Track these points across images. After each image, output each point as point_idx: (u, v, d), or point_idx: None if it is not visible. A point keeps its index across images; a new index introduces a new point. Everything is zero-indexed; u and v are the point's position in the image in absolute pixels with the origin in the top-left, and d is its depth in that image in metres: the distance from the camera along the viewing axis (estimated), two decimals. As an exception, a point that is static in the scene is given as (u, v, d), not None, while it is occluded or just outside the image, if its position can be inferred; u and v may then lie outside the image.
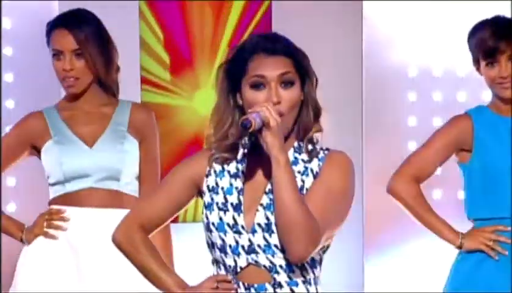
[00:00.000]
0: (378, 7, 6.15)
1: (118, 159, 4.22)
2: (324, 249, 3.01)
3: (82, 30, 4.21)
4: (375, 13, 6.31)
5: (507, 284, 4.13)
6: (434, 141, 4.34)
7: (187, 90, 6.66)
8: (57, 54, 4.20)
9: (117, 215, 3.50)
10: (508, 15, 4.36)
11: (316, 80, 2.99)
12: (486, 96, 4.56)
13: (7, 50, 5.70)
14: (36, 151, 4.29)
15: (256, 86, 2.89)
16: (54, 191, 4.24)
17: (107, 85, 4.30)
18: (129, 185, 4.22)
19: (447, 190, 5.47)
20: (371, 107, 6.31)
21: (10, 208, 4.69)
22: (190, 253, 3.49)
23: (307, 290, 2.99)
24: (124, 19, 6.06)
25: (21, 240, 4.28)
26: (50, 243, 4.22)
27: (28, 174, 4.54)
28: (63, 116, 4.27)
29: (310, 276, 3.01)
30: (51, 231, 4.22)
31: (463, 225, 4.34)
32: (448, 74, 6.12)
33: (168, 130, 6.40)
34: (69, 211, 4.21)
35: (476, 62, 4.23)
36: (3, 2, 5.86)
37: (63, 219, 4.22)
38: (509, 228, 4.16)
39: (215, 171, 3.05)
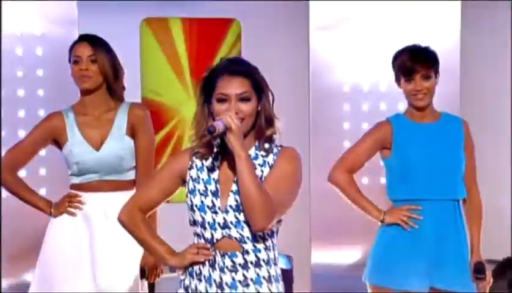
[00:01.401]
0: (321, 39, 6.10)
1: (118, 158, 4.24)
2: (279, 222, 3.18)
3: (96, 43, 4.25)
4: (319, 44, 6.21)
5: (416, 251, 4.20)
6: (363, 141, 4.45)
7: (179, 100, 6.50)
8: (76, 60, 4.20)
9: (117, 197, 3.76)
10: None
11: (272, 95, 3.15)
12: (402, 106, 4.62)
13: (38, 51, 5.57)
14: (56, 143, 4.30)
15: (221, 100, 3.07)
16: (73, 180, 4.28)
17: (114, 90, 4.28)
18: (127, 174, 4.26)
19: (373, 178, 5.51)
20: (316, 114, 6.29)
21: (41, 192, 4.67)
22: (175, 227, 3.51)
23: (267, 255, 3.15)
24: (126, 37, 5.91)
25: (50, 214, 4.27)
26: (70, 218, 4.23)
27: (55, 165, 4.50)
28: (78, 120, 4.26)
29: (269, 244, 3.17)
30: (71, 209, 4.21)
31: (385, 205, 4.41)
32: (373, 90, 6.11)
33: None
34: (84, 195, 4.22)
35: (398, 79, 4.32)
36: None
37: (80, 201, 4.22)
38: (420, 207, 4.21)
39: (196, 166, 3.20)
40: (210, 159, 3.16)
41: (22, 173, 4.67)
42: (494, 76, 6.61)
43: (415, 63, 4.22)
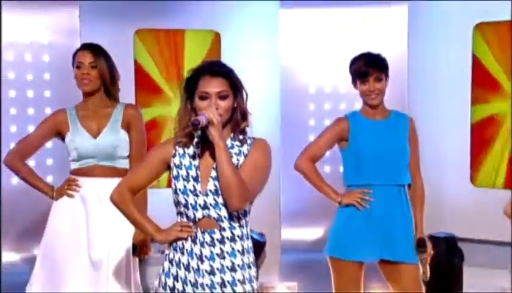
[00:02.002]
0: (289, 47, 6.11)
1: (113, 147, 4.23)
2: (250, 203, 3.24)
3: (96, 52, 4.27)
4: (287, 52, 6.27)
5: (368, 228, 4.25)
6: (324, 135, 4.47)
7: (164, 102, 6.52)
8: (78, 66, 4.22)
9: (111, 182, 3.60)
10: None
11: (246, 94, 3.19)
12: (358, 105, 4.54)
13: (45, 57, 5.71)
14: (59, 135, 4.31)
15: (202, 98, 3.10)
16: (72, 166, 4.29)
17: (111, 93, 4.31)
18: (120, 162, 4.25)
19: (333, 167, 5.51)
20: (286, 112, 6.30)
21: (48, 180, 4.67)
22: (162, 209, 3.54)
23: (241, 231, 3.21)
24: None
25: (52, 197, 4.29)
26: (69, 200, 4.24)
27: (60, 157, 4.50)
28: (79, 114, 4.28)
29: (243, 222, 3.23)
30: (70, 192, 4.23)
31: (342, 189, 4.43)
32: (334, 92, 6.14)
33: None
34: (81, 180, 4.23)
35: (354, 81, 4.34)
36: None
37: (77, 185, 4.22)
38: (371, 191, 4.25)
39: (179, 154, 3.23)
40: (191, 148, 3.19)
41: (31, 163, 4.68)
42: (438, 77, 6.57)
43: (369, 67, 4.24)
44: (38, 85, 5.89)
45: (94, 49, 4.29)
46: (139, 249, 4.27)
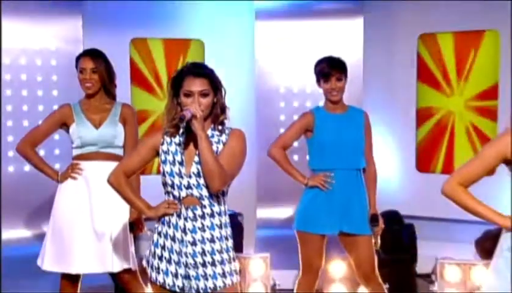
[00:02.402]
0: (263, 54, 6.07)
1: (112, 136, 4.22)
2: (229, 185, 3.25)
3: (97, 58, 4.22)
4: (262, 57, 6.21)
5: (329, 206, 4.27)
6: (293, 127, 4.49)
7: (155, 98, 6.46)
8: (81, 71, 4.19)
9: (109, 166, 3.66)
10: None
11: (225, 91, 3.20)
12: (321, 103, 4.52)
13: (53, 62, 5.69)
14: (65, 126, 4.27)
15: (187, 95, 3.11)
16: (75, 152, 4.26)
17: (109, 92, 4.29)
18: (117, 150, 4.23)
19: (300, 155, 5.46)
20: (260, 108, 6.23)
21: (56, 166, 4.63)
22: (152, 192, 3.52)
23: (219, 208, 3.22)
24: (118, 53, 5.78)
25: (57, 181, 4.26)
26: (73, 182, 4.21)
27: (66, 147, 4.44)
28: (82, 108, 4.26)
29: (221, 200, 3.25)
30: (73, 174, 4.20)
31: (308, 173, 4.42)
32: (301, 91, 6.04)
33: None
34: (83, 164, 4.21)
35: (318, 81, 4.34)
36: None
37: (80, 168, 4.20)
38: (332, 174, 4.27)
39: (167, 142, 3.24)
40: (177, 137, 3.20)
41: (41, 153, 4.66)
42: (389, 78, 6.61)
43: (331, 69, 4.26)
44: (47, 86, 5.82)
45: (94, 55, 4.25)
46: (135, 226, 4.26)
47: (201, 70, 3.17)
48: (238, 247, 5.70)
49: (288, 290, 5.06)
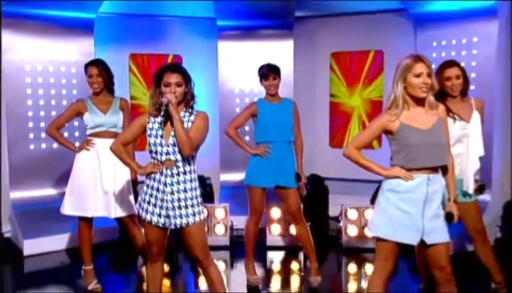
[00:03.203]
0: (224, 65, 6.26)
1: (115, 120, 4.15)
2: (196, 151, 3.20)
3: (100, 66, 4.15)
4: (223, 67, 6.26)
5: (267, 167, 4.21)
6: (243, 113, 4.39)
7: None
8: (89, 76, 4.13)
9: (112, 140, 3.48)
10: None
11: (193, 83, 3.17)
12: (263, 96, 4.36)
13: (73, 69, 5.68)
14: (80, 114, 4.16)
15: (166, 85, 3.09)
16: (89, 131, 4.15)
17: (110, 89, 4.21)
18: (118, 130, 4.13)
19: (251, 134, 5.28)
20: (222, 103, 6.18)
21: (76, 144, 4.49)
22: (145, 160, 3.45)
23: (190, 168, 3.19)
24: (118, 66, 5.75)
25: (75, 152, 4.18)
26: (87, 152, 4.14)
27: (83, 131, 4.40)
28: (93, 101, 4.16)
29: (191, 162, 3.20)
30: (88, 147, 4.12)
31: (254, 145, 4.33)
32: (251, 91, 6.05)
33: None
34: (95, 140, 4.13)
35: (261, 80, 4.27)
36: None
37: (92, 143, 4.12)
38: (270, 145, 4.22)
39: (151, 121, 3.18)
40: (159, 117, 3.16)
41: (66, 134, 4.61)
42: (311, 80, 6.62)
43: (269, 71, 4.22)
44: (69, 86, 5.76)
45: (98, 64, 4.19)
46: (134, 183, 4.23)
47: (176, 67, 3.17)
48: (209, 200, 5.71)
49: (241, 229, 4.94)
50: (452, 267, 2.96)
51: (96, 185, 4.12)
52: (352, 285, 4.51)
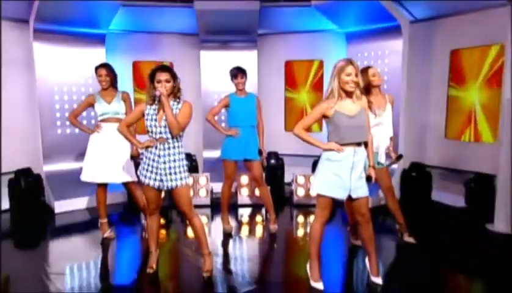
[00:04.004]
0: (205, 69, 6.05)
1: (116, 108, 4.00)
2: (183, 131, 3.11)
3: (107, 67, 4.03)
4: (204, 70, 6.03)
5: (236, 144, 4.11)
6: (219, 104, 4.18)
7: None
8: (99, 75, 3.99)
9: (116, 125, 3.56)
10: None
11: (179, 80, 3.08)
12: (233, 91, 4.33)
13: (89, 73, 5.42)
14: (92, 105, 4.03)
15: (158, 82, 3.03)
16: (99, 118, 4.01)
17: (114, 86, 4.06)
18: (122, 116, 3.99)
19: (226, 123, 5.29)
20: (205, 97, 5.97)
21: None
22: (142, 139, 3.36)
23: (178, 144, 3.11)
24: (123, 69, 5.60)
25: (90, 133, 4.05)
26: (97, 134, 4.01)
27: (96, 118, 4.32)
28: (100, 94, 4.01)
29: (179, 139, 3.12)
30: (98, 130, 4.00)
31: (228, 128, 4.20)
32: (226, 89, 5.65)
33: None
34: (103, 124, 4.01)
35: (231, 79, 4.16)
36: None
37: (101, 127, 4.00)
38: (240, 129, 4.10)
39: (148, 108, 3.10)
40: (154, 105, 3.10)
41: (84, 122, 4.49)
42: (272, 80, 6.51)
43: (237, 71, 4.12)
44: (86, 86, 5.57)
45: (106, 66, 4.05)
46: (134, 156, 4.13)
47: (165, 67, 3.09)
48: (194, 171, 5.71)
49: (218, 192, 4.81)
50: (370, 214, 3.03)
51: (104, 158, 4.01)
52: (300, 231, 4.55)
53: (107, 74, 4.03)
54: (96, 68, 4.07)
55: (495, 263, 3.49)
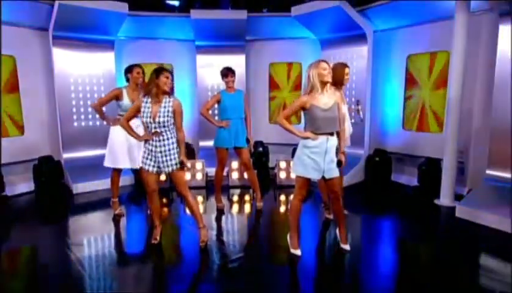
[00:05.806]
0: (200, 69, 5.91)
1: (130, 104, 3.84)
2: (177, 126, 3.05)
3: (143, 68, 3.88)
4: (200, 70, 5.93)
5: (227, 135, 4.04)
6: (211, 99, 4.06)
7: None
8: (137, 73, 3.83)
9: (133, 120, 3.34)
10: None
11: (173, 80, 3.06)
12: (224, 88, 4.15)
13: (100, 74, 5.32)
14: (117, 99, 3.80)
15: (167, 77, 3.01)
16: (119, 112, 3.84)
17: (141, 87, 3.86)
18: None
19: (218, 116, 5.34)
20: (199, 93, 5.85)
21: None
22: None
23: (172, 136, 3.05)
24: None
25: (110, 125, 3.91)
26: (118, 126, 3.77)
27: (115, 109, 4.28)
28: (127, 92, 3.80)
29: (172, 130, 3.08)
30: (118, 123, 3.72)
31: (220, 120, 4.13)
32: (218, 86, 5.76)
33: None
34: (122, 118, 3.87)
35: (222, 77, 4.06)
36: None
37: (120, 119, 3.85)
38: (230, 121, 4.02)
39: (144, 106, 3.06)
40: (148, 104, 3.04)
41: (108, 112, 4.06)
42: (260, 80, 6.39)
43: (227, 71, 4.03)
44: (98, 85, 5.45)
45: (141, 67, 3.88)
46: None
47: (166, 70, 3.06)
48: (192, 158, 5.62)
49: (212, 176, 4.89)
50: (340, 192, 3.12)
51: (123, 147, 3.92)
52: (282, 208, 4.54)
53: (142, 72, 3.86)
54: (132, 67, 3.86)
55: (440, 230, 3.73)
